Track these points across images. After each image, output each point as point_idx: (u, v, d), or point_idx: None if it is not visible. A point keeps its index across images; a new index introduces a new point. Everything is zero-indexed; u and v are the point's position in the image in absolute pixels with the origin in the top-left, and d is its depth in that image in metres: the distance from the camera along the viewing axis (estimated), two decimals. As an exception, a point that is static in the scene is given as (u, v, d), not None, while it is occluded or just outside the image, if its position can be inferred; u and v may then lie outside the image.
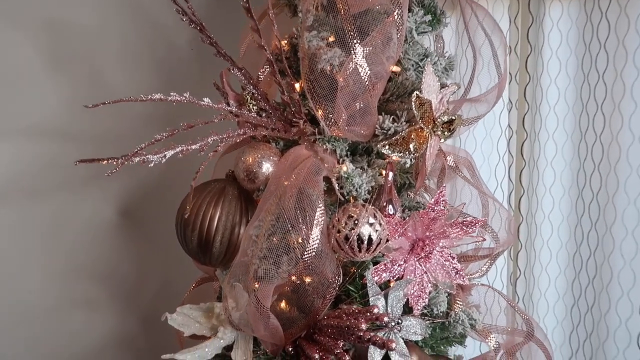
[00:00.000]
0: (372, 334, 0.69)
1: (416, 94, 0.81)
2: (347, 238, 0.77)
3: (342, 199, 0.81)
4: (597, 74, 1.36)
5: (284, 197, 0.82)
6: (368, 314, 0.71)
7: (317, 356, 0.74)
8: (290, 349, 0.83)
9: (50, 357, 1.24)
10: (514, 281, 1.55)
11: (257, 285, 0.78)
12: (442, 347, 0.98)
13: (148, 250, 1.39)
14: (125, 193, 1.33)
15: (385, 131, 0.85)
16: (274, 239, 0.85)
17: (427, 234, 0.87)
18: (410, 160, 0.95)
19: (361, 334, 0.69)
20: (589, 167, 1.42)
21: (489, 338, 0.92)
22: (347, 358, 0.71)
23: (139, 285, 1.38)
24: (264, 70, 0.97)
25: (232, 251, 0.87)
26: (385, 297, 0.81)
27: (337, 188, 0.80)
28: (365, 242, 0.77)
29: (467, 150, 1.50)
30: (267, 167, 0.88)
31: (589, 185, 1.41)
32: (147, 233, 1.35)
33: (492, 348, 0.92)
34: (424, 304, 0.87)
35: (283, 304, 0.88)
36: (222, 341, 0.89)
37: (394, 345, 0.67)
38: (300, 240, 0.81)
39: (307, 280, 0.81)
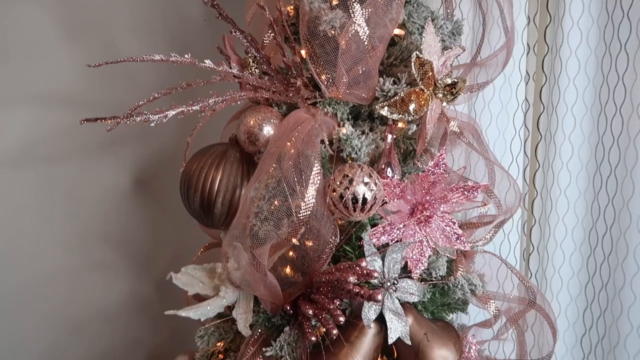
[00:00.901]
0: (359, 287, 0.70)
1: (416, 54, 0.80)
2: (341, 197, 0.77)
3: (332, 153, 0.81)
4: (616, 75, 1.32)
5: (284, 159, 0.83)
6: (357, 268, 0.71)
7: (310, 312, 0.75)
8: (288, 308, 0.84)
9: (64, 319, 1.29)
10: (527, 257, 1.53)
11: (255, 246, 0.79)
12: (444, 314, 0.98)
13: (162, 218, 1.42)
14: (140, 162, 1.37)
15: (385, 93, 0.84)
16: (275, 201, 0.86)
17: (427, 198, 0.86)
18: (414, 123, 0.94)
19: (349, 287, 0.69)
20: (607, 142, 1.38)
21: (488, 304, 0.92)
22: (341, 317, 0.71)
23: (154, 252, 1.42)
24: (268, 35, 0.97)
25: (233, 213, 0.89)
26: (383, 259, 0.82)
27: (330, 147, 0.80)
28: (360, 202, 0.77)
29: (481, 122, 1.50)
30: (267, 130, 0.88)
31: (607, 159, 1.38)
32: (162, 202, 1.38)
33: (492, 314, 0.91)
34: (423, 268, 0.87)
35: (281, 265, 0.90)
36: (224, 300, 0.91)
37: (379, 297, 0.68)
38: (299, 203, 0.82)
39: (304, 241, 0.82)
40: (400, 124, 1.01)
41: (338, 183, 0.78)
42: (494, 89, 1.48)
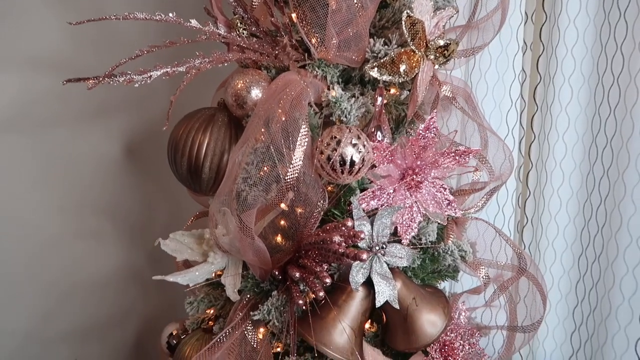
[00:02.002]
0: (345, 247, 0.69)
1: (407, 13, 0.78)
2: (329, 159, 0.75)
3: (320, 116, 0.79)
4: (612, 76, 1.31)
5: (272, 122, 0.81)
6: (343, 228, 0.70)
7: (297, 274, 0.75)
8: (277, 274, 0.84)
9: (55, 285, 1.29)
10: (521, 229, 1.52)
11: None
12: (434, 282, 0.97)
13: (154, 187, 1.41)
14: (132, 131, 1.35)
15: (375, 54, 0.82)
16: (265, 167, 0.84)
17: (418, 162, 0.85)
18: (406, 88, 0.92)
19: (335, 248, 0.68)
20: (604, 112, 1.36)
21: (478, 270, 0.91)
22: (328, 279, 0.71)
23: (146, 221, 1.41)
24: (257, -4, 0.95)
25: (221, 178, 0.87)
26: (372, 224, 0.81)
27: (319, 111, 0.78)
28: (348, 164, 0.75)
29: (477, 94, 1.48)
30: (256, 93, 0.86)
31: (604, 131, 1.36)
32: (154, 171, 1.37)
33: (482, 280, 0.91)
34: (413, 233, 0.86)
35: (272, 234, 0.89)
36: (212, 266, 0.90)
37: (364, 256, 0.67)
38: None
39: (295, 207, 0.81)
40: (392, 90, 0.99)
41: (325, 145, 0.76)
42: (491, 59, 1.45)
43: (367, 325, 0.99)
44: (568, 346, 1.46)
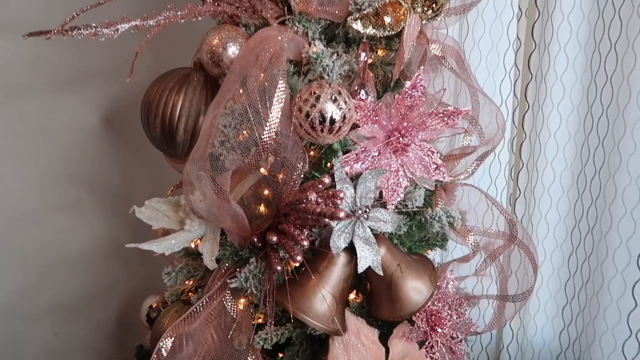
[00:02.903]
0: (322, 206, 0.65)
1: (392, -39, 0.73)
2: (307, 115, 0.71)
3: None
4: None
5: (249, 80, 0.76)
6: (319, 185, 0.66)
7: (274, 238, 0.71)
8: (256, 241, 0.80)
9: (35, 260, 1.25)
10: (514, 202, 1.49)
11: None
12: (422, 251, 0.94)
13: (135, 160, 1.37)
14: (108, 100, 1.30)
15: (359, 6, 0.77)
16: (245, 131, 0.80)
17: (404, 124, 0.80)
18: (394, 49, 0.87)
19: (312, 207, 0.64)
20: (600, 81, 1.31)
21: (467, 238, 0.87)
22: (306, 242, 0.67)
23: (126, 192, 1.36)
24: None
25: (197, 141, 0.83)
26: (355, 187, 0.76)
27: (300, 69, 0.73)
28: (328, 121, 0.71)
29: (470, 62, 1.43)
30: (233, 51, 0.81)
31: (599, 99, 1.32)
32: (133, 141, 1.32)
33: (471, 247, 0.87)
34: (399, 199, 0.82)
35: (255, 203, 0.85)
36: (189, 234, 0.86)
37: (342, 214, 0.63)
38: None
39: (275, 174, 0.77)
40: (379, 52, 0.94)
41: (304, 101, 0.72)
42: (484, 26, 1.40)
43: (352, 296, 0.96)
44: (559, 320, 1.44)
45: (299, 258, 0.67)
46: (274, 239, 0.70)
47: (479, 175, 1.45)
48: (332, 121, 0.71)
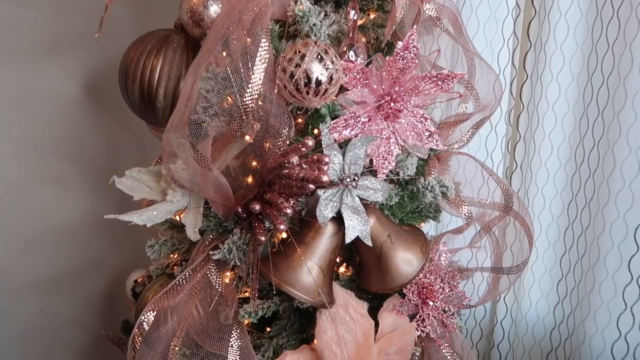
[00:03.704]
0: (305, 171, 0.61)
1: None
2: (292, 76, 0.67)
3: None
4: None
5: (231, 40, 0.71)
6: (303, 148, 0.62)
7: (257, 207, 0.67)
8: (241, 212, 0.76)
9: (19, 235, 1.21)
10: (510, 175, 1.46)
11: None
12: (414, 222, 0.90)
13: (118, 128, 1.32)
14: (90, 68, 1.24)
15: (348, -38, 0.72)
16: (229, 98, 0.76)
17: (396, 88, 0.76)
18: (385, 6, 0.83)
19: (294, 172, 0.61)
20: (601, 49, 1.27)
21: (461, 208, 0.84)
22: (288, 209, 0.63)
23: (112, 164, 1.32)
24: None
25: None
26: (344, 154, 0.73)
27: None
28: (313, 82, 0.67)
29: (467, 31, 1.38)
30: (215, 10, 0.77)
31: (600, 69, 1.27)
32: (117, 110, 1.26)
33: (464, 218, 0.84)
34: (390, 167, 0.78)
35: (243, 174, 0.81)
36: (172, 205, 0.83)
37: (325, 178, 0.59)
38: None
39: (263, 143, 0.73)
40: (371, 14, 0.90)
41: (288, 60, 0.67)
42: (482, -7, 1.35)
43: (342, 269, 0.93)
44: (554, 294, 1.42)
45: (282, 227, 0.63)
46: (257, 207, 0.67)
47: (475, 148, 1.42)
48: (318, 82, 0.66)
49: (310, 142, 0.61)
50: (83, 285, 1.33)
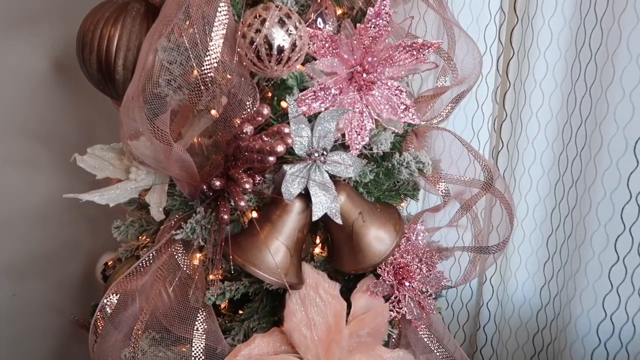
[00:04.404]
0: (260, 142, 0.57)
1: None
2: (252, 43, 0.62)
3: None
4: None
5: (192, 8, 0.67)
6: (258, 117, 0.58)
7: (217, 183, 0.64)
8: (207, 190, 0.73)
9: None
10: (496, 155, 1.42)
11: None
12: (392, 202, 0.87)
13: (90, 106, 1.27)
14: (58, 43, 1.19)
15: None
16: (195, 71, 0.72)
17: (369, 58, 0.72)
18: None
19: (249, 144, 0.57)
20: (589, 24, 1.23)
21: (438, 185, 0.81)
22: (247, 185, 0.60)
23: (85, 144, 1.27)
24: None
25: (138, 78, 0.74)
26: (312, 128, 0.69)
27: None
28: (275, 49, 0.62)
29: (453, 7, 1.33)
30: (175, -26, 0.72)
31: (589, 45, 1.23)
32: (89, 88, 1.22)
33: (441, 195, 0.81)
34: (363, 142, 0.75)
35: (215, 152, 0.77)
36: (135, 183, 0.79)
37: (280, 148, 0.55)
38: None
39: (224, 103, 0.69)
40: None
41: (248, 26, 0.63)
42: (468, -35, 1.30)
43: (317, 250, 0.90)
44: (541, 276, 1.40)
45: (242, 204, 0.60)
46: (217, 183, 0.63)
47: (461, 128, 1.38)
48: (280, 49, 0.62)
49: (266, 111, 0.57)
50: (57, 269, 1.29)
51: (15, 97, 1.16)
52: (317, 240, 0.89)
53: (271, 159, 0.57)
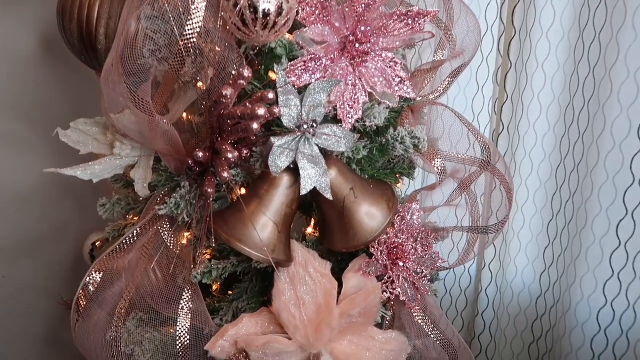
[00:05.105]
0: (242, 107, 0.54)
1: None
2: (236, 5, 0.59)
3: None
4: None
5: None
6: (240, 81, 0.55)
7: (200, 154, 0.61)
8: (192, 164, 0.70)
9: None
10: (497, 137, 1.39)
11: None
12: (388, 180, 0.84)
13: (81, 83, 1.24)
14: (46, 19, 1.16)
15: None
16: (181, 41, 0.69)
17: (362, 27, 0.69)
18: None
19: (232, 109, 0.54)
20: (593, 3, 1.19)
21: (434, 162, 0.78)
22: (230, 154, 0.57)
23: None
24: None
25: (122, 48, 0.71)
26: (302, 100, 0.66)
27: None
28: (260, 13, 0.59)
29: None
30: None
31: (592, 23, 1.20)
32: (78, 66, 1.18)
33: (437, 172, 0.78)
34: (356, 116, 0.71)
35: (187, 117, 0.75)
36: (119, 159, 0.76)
37: (261, 111, 0.52)
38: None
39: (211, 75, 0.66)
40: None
41: (232, -13, 0.60)
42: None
43: (310, 230, 0.87)
44: (540, 262, 1.37)
45: (225, 175, 0.57)
46: (200, 154, 0.60)
47: (461, 110, 1.35)
48: (266, 14, 0.59)
49: (246, 73, 0.54)
50: (47, 251, 1.27)
51: (5, 77, 1.13)
52: (312, 223, 0.87)
53: (255, 126, 0.54)
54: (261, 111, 0.52)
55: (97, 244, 0.99)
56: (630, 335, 1.21)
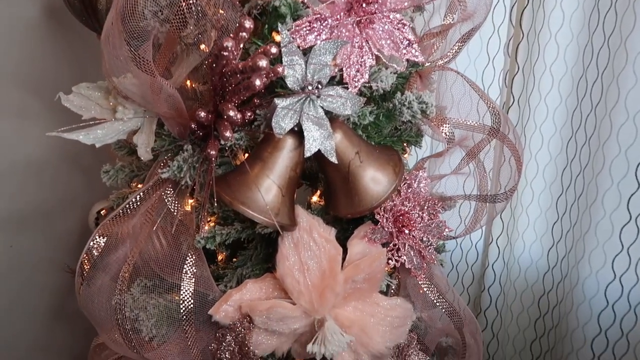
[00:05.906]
0: (243, 63, 0.52)
1: None
2: (239, -42, 0.57)
3: None
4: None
5: None
6: (242, 33, 0.54)
7: (202, 114, 0.59)
8: (195, 127, 0.69)
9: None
10: (507, 110, 1.36)
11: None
12: (396, 147, 0.82)
13: (85, 52, 1.23)
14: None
15: None
16: (183, 1, 0.67)
17: (369, -14, 0.67)
18: None
19: (234, 64, 0.52)
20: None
21: (442, 128, 0.76)
22: (232, 111, 0.55)
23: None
24: None
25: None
26: (307, 61, 0.64)
27: None
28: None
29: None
30: None
31: (602, 5, 1.16)
32: (81, 34, 1.17)
33: (445, 139, 0.76)
34: (363, 80, 0.70)
35: (191, 84, 0.73)
36: (122, 123, 0.75)
37: (262, 62, 0.51)
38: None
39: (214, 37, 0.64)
40: None
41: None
42: None
43: (315, 198, 0.86)
44: (549, 237, 1.36)
45: (227, 134, 0.56)
46: (202, 114, 0.59)
47: (470, 83, 1.32)
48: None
49: (248, 24, 0.52)
50: (55, 223, 1.28)
51: (5, 44, 1.12)
52: (318, 193, 0.86)
53: (257, 82, 0.52)
54: (263, 62, 0.50)
55: (102, 212, 0.99)
56: (638, 311, 1.20)
